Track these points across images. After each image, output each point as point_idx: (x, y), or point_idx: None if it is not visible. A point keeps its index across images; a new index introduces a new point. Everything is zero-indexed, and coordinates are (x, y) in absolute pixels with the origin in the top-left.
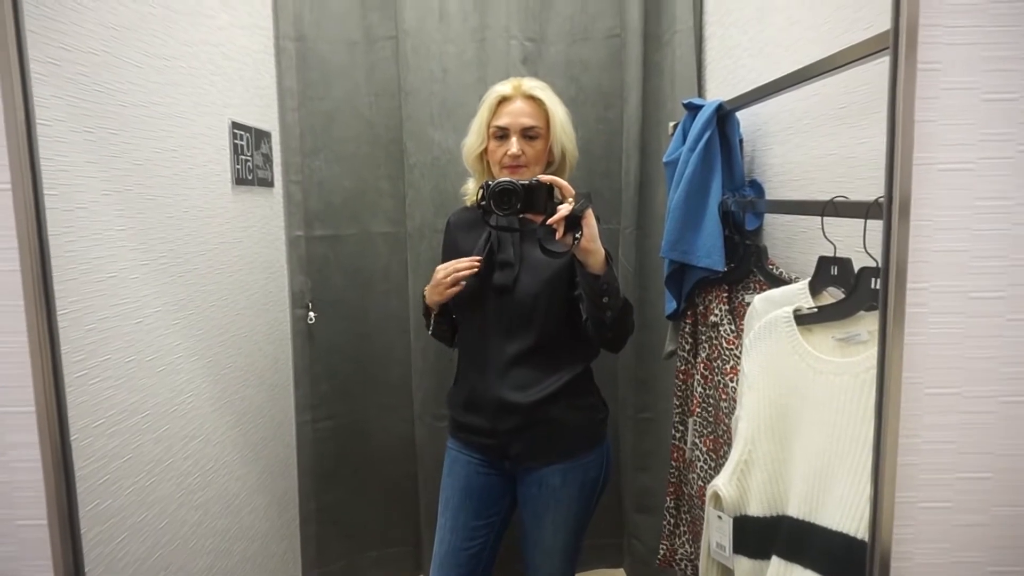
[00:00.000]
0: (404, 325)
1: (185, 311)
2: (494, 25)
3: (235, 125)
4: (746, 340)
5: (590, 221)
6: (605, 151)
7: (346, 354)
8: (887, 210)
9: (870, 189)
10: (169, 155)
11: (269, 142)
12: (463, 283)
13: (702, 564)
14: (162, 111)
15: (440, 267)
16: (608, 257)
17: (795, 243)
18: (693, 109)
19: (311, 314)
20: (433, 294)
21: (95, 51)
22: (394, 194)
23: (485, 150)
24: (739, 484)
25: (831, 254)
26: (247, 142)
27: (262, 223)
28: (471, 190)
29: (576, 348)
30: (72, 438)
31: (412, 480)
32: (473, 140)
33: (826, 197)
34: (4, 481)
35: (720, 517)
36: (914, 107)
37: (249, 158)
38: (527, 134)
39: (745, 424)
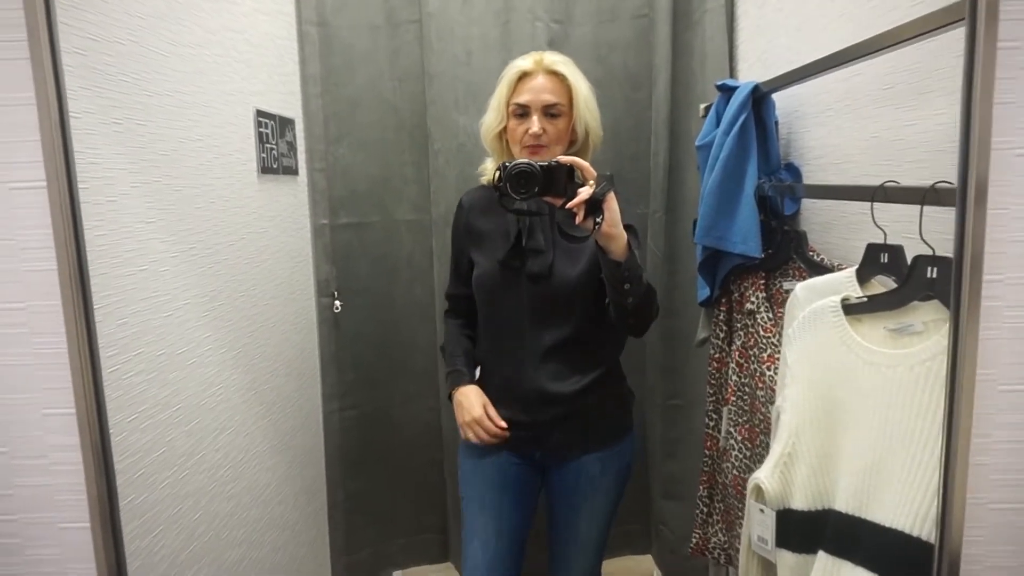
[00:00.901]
0: (429, 313)
1: (214, 303)
2: (519, 6)
3: (259, 113)
4: (789, 330)
5: (612, 205)
6: (634, 134)
7: (371, 342)
8: (960, 197)
9: (921, 173)
10: (195, 145)
11: (293, 130)
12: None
13: (742, 558)
14: (188, 100)
15: (473, 415)
16: (630, 242)
17: (834, 229)
18: (727, 91)
19: (337, 302)
20: (456, 408)
21: (121, 40)
22: (419, 181)
23: (504, 129)
24: (782, 477)
25: (879, 240)
26: (272, 130)
27: (288, 212)
28: (488, 170)
29: (610, 335)
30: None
31: (438, 468)
32: (492, 118)
33: (870, 181)
34: (46, 484)
35: (762, 511)
36: (993, 87)
37: (274, 146)
38: (549, 112)
39: (789, 416)
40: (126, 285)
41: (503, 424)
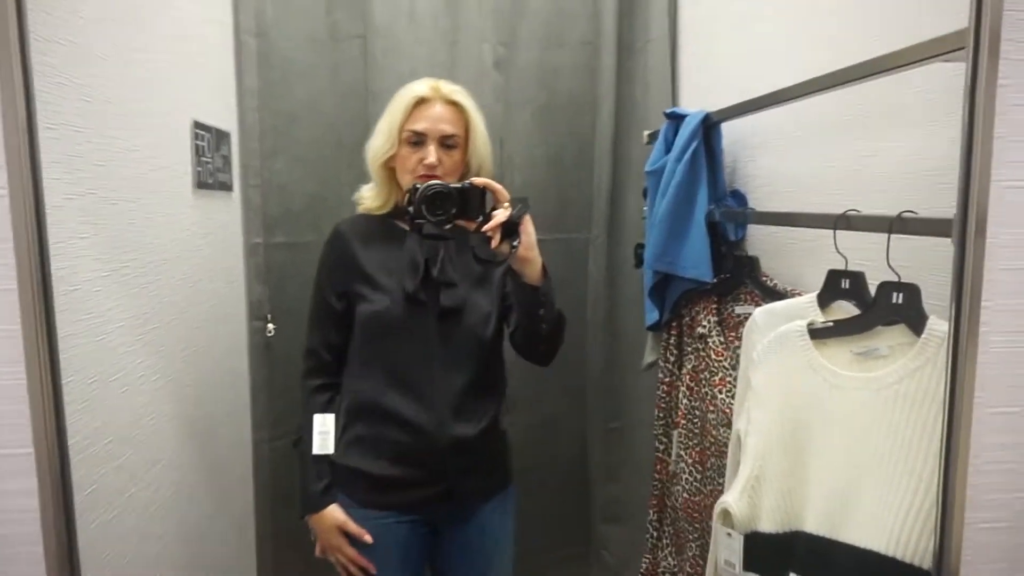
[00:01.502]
0: None
1: (148, 326)
2: (466, 27)
3: (197, 124)
4: (753, 353)
5: (528, 228)
6: (576, 159)
7: None
8: (960, 229)
9: (878, 201)
10: (131, 156)
11: (229, 143)
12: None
13: None
14: (127, 108)
15: (338, 545)
16: (544, 265)
17: (782, 255)
18: (675, 118)
19: (270, 326)
20: (316, 532)
21: (61, 40)
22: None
23: (394, 156)
24: (750, 501)
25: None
26: (208, 143)
27: (221, 229)
28: (366, 197)
29: (503, 365)
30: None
31: None
32: (381, 143)
33: (822, 210)
34: None
35: (730, 535)
36: (994, 121)
37: (210, 160)
38: (446, 143)
39: (755, 439)
40: (58, 306)
41: (368, 540)
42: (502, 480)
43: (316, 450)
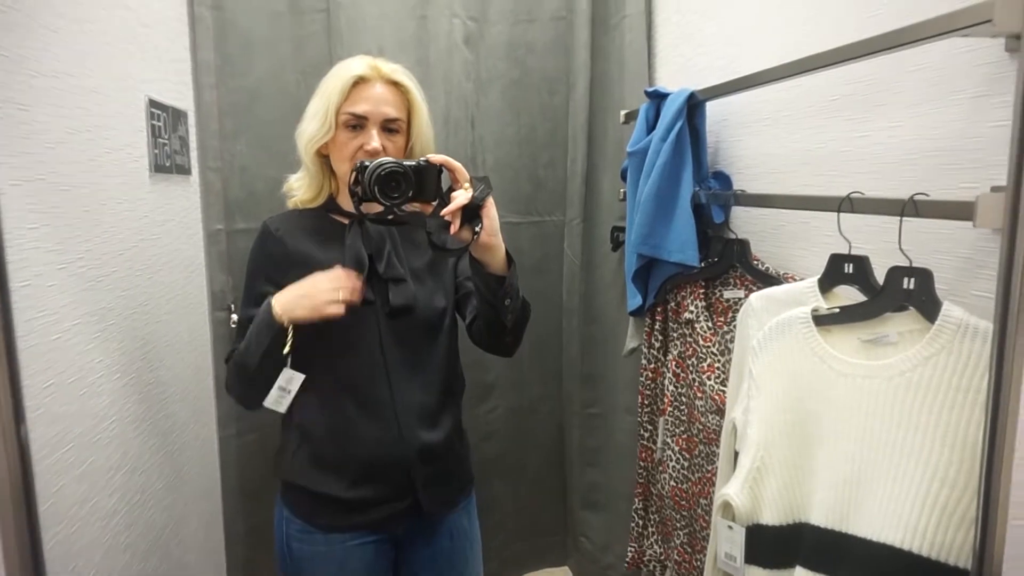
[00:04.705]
0: None
1: (105, 321)
2: (435, 2)
3: (152, 103)
4: (753, 342)
5: (491, 211)
6: (549, 139)
7: None
8: (1010, 209)
9: (874, 184)
10: (83, 137)
11: (186, 123)
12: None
13: (707, 575)
14: (75, 84)
15: (319, 279)
16: (508, 251)
17: (769, 238)
18: (657, 97)
19: (233, 316)
20: (297, 307)
21: (3, 9)
22: None
23: (329, 142)
24: (752, 492)
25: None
26: (164, 123)
27: (180, 215)
28: (295, 188)
29: (459, 361)
30: None
31: None
32: (315, 127)
33: (812, 192)
34: None
35: (731, 527)
36: None
37: (167, 142)
38: (388, 126)
39: (756, 429)
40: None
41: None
42: (467, 484)
43: (269, 404)
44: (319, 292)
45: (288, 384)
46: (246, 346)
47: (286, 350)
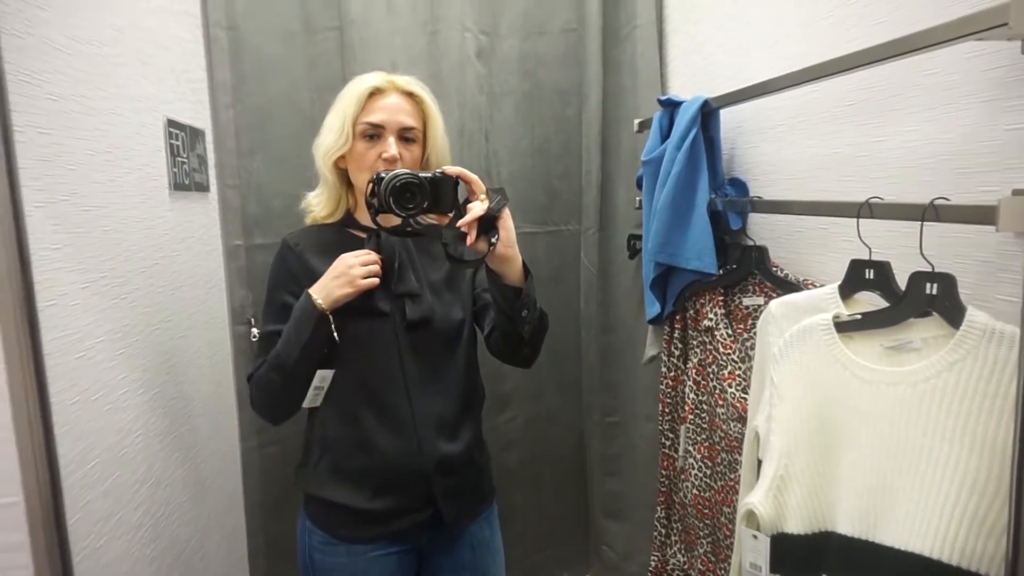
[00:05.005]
0: None
1: (129, 338)
2: (447, 17)
3: (170, 123)
4: (774, 350)
5: (507, 222)
6: (563, 150)
7: None
8: None
9: (892, 189)
10: (103, 158)
11: (203, 142)
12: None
13: None
14: (94, 106)
15: (346, 256)
16: (525, 262)
17: (786, 244)
18: (670, 106)
19: (253, 330)
20: (335, 289)
21: (19, 33)
22: None
23: (347, 153)
24: (776, 501)
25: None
26: (183, 142)
27: (200, 232)
28: (313, 204)
29: (479, 372)
30: (8, 500)
31: None
32: (333, 139)
33: (831, 197)
34: None
35: (755, 536)
36: None
37: (185, 160)
38: (405, 135)
39: (779, 437)
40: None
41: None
42: (488, 495)
43: (307, 404)
44: (351, 268)
45: (322, 382)
46: (284, 344)
47: (336, 336)
